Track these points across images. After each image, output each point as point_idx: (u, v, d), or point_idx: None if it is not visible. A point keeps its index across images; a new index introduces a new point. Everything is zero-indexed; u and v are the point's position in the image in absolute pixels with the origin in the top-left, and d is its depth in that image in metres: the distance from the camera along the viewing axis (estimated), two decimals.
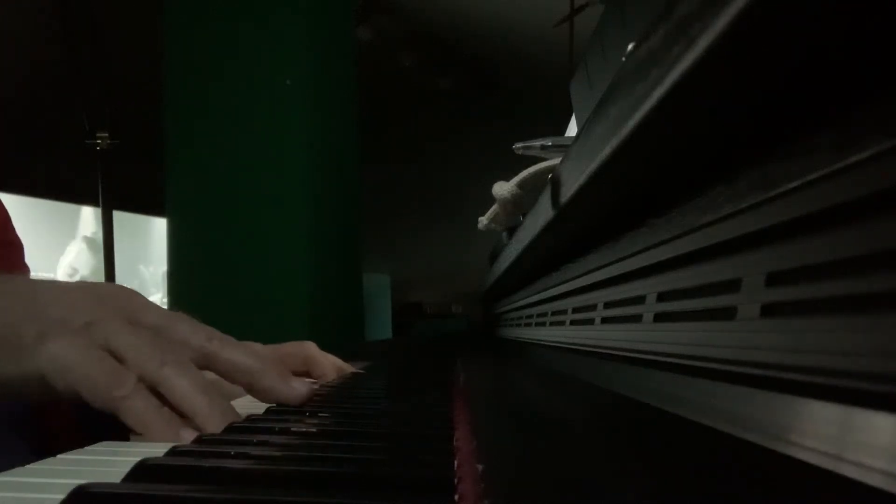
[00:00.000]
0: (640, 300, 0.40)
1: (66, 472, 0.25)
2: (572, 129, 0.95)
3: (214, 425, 0.34)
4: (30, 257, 0.64)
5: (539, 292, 0.83)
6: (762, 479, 0.20)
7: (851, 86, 0.19)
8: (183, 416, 0.34)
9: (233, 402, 0.38)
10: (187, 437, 0.32)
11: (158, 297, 4.09)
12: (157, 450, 0.27)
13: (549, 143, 0.84)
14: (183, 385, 0.34)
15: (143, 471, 0.23)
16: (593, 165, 0.34)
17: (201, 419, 0.34)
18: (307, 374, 0.59)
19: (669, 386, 0.32)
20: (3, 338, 0.33)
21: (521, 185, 0.90)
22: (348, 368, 0.63)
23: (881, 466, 0.17)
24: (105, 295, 0.38)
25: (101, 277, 2.35)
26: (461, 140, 3.99)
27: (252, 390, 0.40)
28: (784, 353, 0.22)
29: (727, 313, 0.27)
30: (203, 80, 2.17)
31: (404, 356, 1.16)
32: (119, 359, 0.34)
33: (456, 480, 0.22)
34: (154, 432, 0.32)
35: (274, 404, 0.40)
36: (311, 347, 0.59)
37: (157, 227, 3.72)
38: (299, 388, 0.40)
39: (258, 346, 0.53)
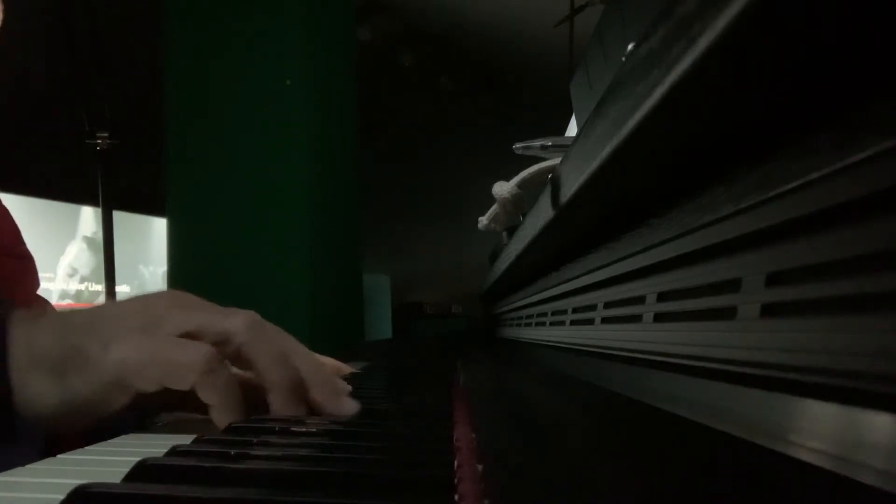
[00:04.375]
0: (640, 300, 0.40)
1: (66, 472, 0.25)
2: (572, 129, 0.95)
3: (284, 401, 0.34)
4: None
5: (539, 292, 0.83)
6: (762, 479, 0.20)
7: (851, 86, 0.19)
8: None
9: None
10: (292, 413, 0.34)
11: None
12: (157, 450, 0.27)
13: (549, 143, 0.84)
14: (266, 357, 0.35)
15: (143, 471, 0.23)
16: (593, 165, 0.34)
17: (273, 391, 0.35)
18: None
19: (669, 386, 0.32)
20: (69, 359, 0.33)
21: (521, 185, 0.90)
22: (345, 369, 0.63)
23: (881, 466, 0.17)
24: (158, 296, 0.38)
25: (101, 277, 2.35)
26: (461, 140, 3.98)
27: (308, 394, 0.39)
28: (784, 353, 0.22)
29: (727, 313, 0.27)
30: (203, 79, 2.17)
31: (404, 356, 1.16)
32: (194, 337, 0.34)
33: (456, 480, 0.22)
34: (227, 407, 0.33)
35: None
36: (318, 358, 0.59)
37: (157, 227, 3.72)
38: (348, 406, 0.38)
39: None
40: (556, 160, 0.78)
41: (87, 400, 0.33)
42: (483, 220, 1.01)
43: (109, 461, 0.27)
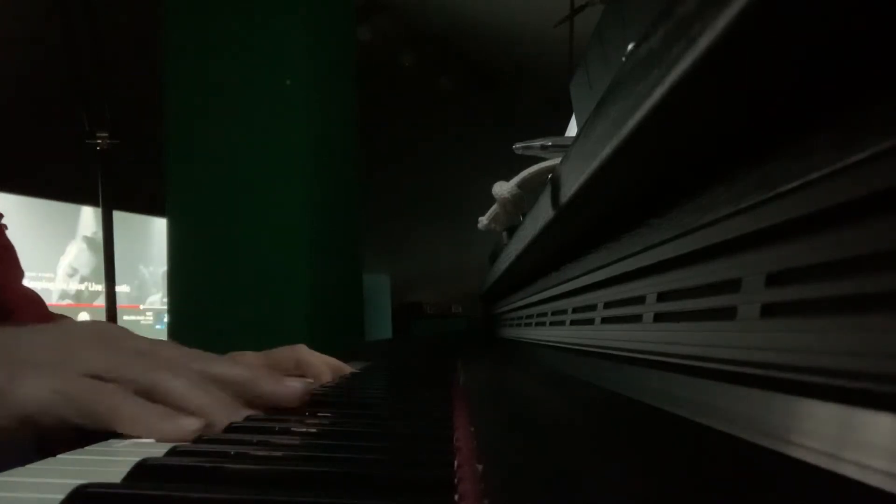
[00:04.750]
0: (640, 300, 0.40)
1: (66, 472, 0.25)
2: (572, 129, 0.95)
3: (220, 418, 0.33)
4: (30, 257, 0.65)
5: (539, 292, 0.83)
6: (762, 479, 0.20)
7: (851, 86, 0.19)
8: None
9: None
10: (190, 427, 0.32)
11: (158, 297, 4.09)
12: (157, 450, 0.27)
13: (549, 143, 0.84)
14: (178, 385, 0.34)
15: (143, 471, 0.23)
16: (593, 165, 0.34)
17: (206, 413, 0.33)
18: (303, 377, 0.58)
19: (669, 386, 0.32)
20: None
21: (521, 185, 0.90)
22: (345, 368, 0.63)
23: (881, 466, 0.17)
24: (81, 331, 0.38)
25: (101, 277, 2.35)
26: (461, 140, 3.98)
27: (248, 401, 0.39)
28: (784, 353, 0.22)
29: (727, 313, 0.27)
30: (203, 79, 2.17)
31: (404, 356, 1.16)
32: (104, 381, 0.33)
33: (456, 480, 0.22)
34: (153, 429, 0.32)
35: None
36: (302, 350, 0.58)
37: (157, 227, 3.72)
38: (294, 385, 0.39)
39: (249, 355, 0.53)
40: (556, 160, 0.78)
41: None
42: (483, 220, 1.01)
43: (109, 461, 0.27)
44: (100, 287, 3.03)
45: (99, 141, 2.08)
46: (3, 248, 0.65)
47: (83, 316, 3.44)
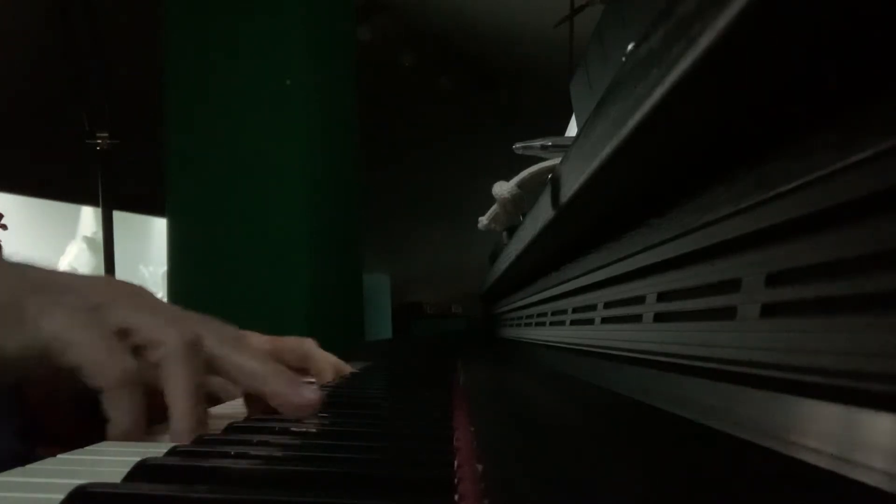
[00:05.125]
0: (640, 300, 0.40)
1: (66, 472, 0.25)
2: (572, 129, 0.95)
3: (183, 430, 0.33)
4: (30, 257, 0.64)
5: (539, 292, 0.83)
6: (762, 479, 0.20)
7: (851, 86, 0.19)
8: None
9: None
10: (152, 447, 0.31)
11: (159, 297, 4.09)
12: (157, 450, 0.27)
13: (549, 143, 0.84)
14: (177, 381, 0.33)
15: (143, 471, 0.23)
16: (593, 165, 0.34)
17: (174, 422, 0.33)
18: (304, 371, 0.58)
19: (669, 386, 0.32)
20: (4, 310, 0.32)
21: (521, 185, 0.90)
22: (346, 368, 0.63)
23: (881, 466, 0.17)
24: (118, 284, 0.38)
25: None
26: (461, 140, 3.98)
27: (260, 394, 0.38)
28: (784, 353, 0.22)
29: (727, 313, 0.27)
30: (203, 80, 2.17)
31: (404, 356, 1.16)
32: (131, 336, 0.33)
33: (456, 480, 0.22)
34: (123, 430, 0.32)
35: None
36: (310, 344, 0.58)
37: (157, 227, 3.72)
38: (309, 395, 0.37)
39: (256, 337, 0.52)
40: (556, 160, 0.78)
41: (9, 355, 0.32)
42: (483, 220, 1.01)
43: (109, 461, 0.27)
44: None
45: (99, 141, 2.08)
46: None
47: None
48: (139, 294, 0.38)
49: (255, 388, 0.37)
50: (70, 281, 0.36)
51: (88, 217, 3.74)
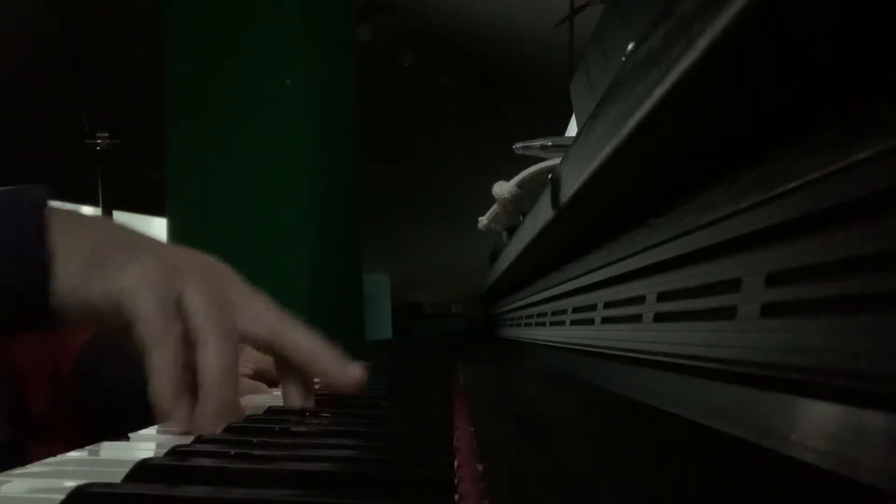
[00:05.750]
0: (640, 300, 0.40)
1: (66, 473, 0.25)
2: (572, 129, 0.95)
3: (212, 408, 0.34)
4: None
5: (539, 292, 0.83)
6: (762, 479, 0.20)
7: (851, 86, 0.19)
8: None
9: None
10: (179, 413, 0.34)
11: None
12: (156, 450, 0.27)
13: (549, 143, 0.84)
14: (212, 360, 0.35)
15: (143, 471, 0.23)
16: (593, 165, 0.34)
17: (205, 400, 0.35)
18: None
19: (669, 386, 0.32)
20: (98, 259, 0.36)
21: (521, 185, 0.90)
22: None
23: (881, 466, 0.17)
24: (200, 256, 0.40)
25: None
26: (461, 140, 3.98)
27: (311, 371, 0.41)
28: (784, 353, 0.22)
29: (727, 313, 0.27)
30: (203, 80, 2.17)
31: (404, 356, 1.16)
32: (183, 310, 0.36)
33: (456, 480, 0.22)
34: (161, 391, 0.34)
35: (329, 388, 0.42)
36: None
37: (157, 227, 3.72)
38: (354, 372, 0.41)
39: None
40: (556, 160, 0.78)
41: (97, 304, 0.35)
42: (483, 220, 1.01)
43: (109, 461, 0.27)
44: None
45: (99, 141, 2.08)
46: None
47: None
48: (214, 270, 0.40)
49: (307, 365, 0.40)
50: (153, 244, 0.39)
51: None
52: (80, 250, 0.36)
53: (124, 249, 0.37)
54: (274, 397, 0.46)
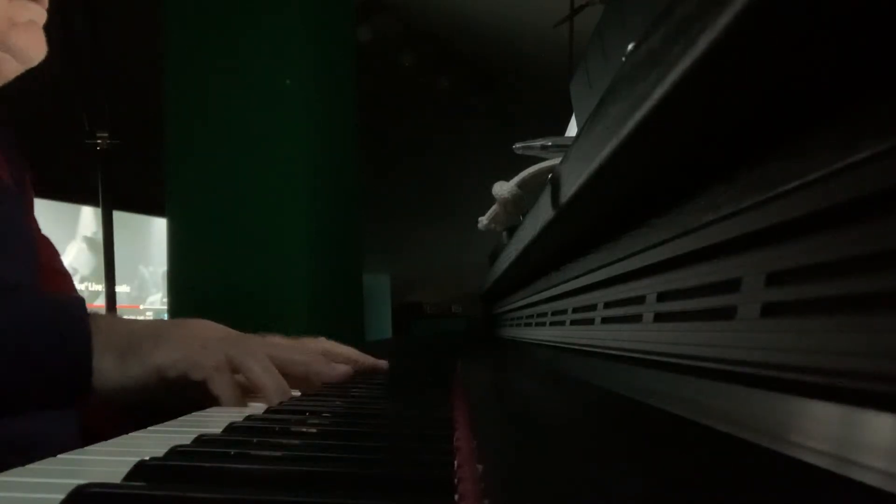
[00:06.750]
0: (640, 300, 0.40)
1: (66, 472, 0.25)
2: (572, 129, 0.95)
3: (275, 397, 0.47)
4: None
5: (539, 292, 0.83)
6: (762, 479, 0.20)
7: (851, 86, 0.19)
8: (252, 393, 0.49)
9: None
10: (253, 406, 0.46)
11: (158, 297, 4.09)
12: (157, 450, 0.27)
13: (549, 143, 0.84)
14: (256, 368, 0.49)
15: (143, 471, 0.23)
16: (593, 165, 0.34)
17: (266, 392, 0.48)
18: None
19: (669, 386, 0.32)
20: (132, 349, 0.49)
21: (521, 185, 0.90)
22: (366, 359, 0.64)
23: (881, 466, 0.17)
24: (196, 325, 0.54)
25: (101, 277, 2.35)
26: (461, 140, 3.98)
27: (307, 377, 0.53)
28: (784, 353, 0.22)
29: (727, 313, 0.27)
30: (203, 80, 2.17)
31: (404, 356, 1.16)
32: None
33: (456, 480, 0.22)
34: (230, 399, 0.47)
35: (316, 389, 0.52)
36: (325, 342, 0.64)
37: (157, 227, 3.72)
38: (340, 368, 0.55)
39: (278, 339, 0.61)
40: (556, 160, 0.78)
41: (137, 379, 0.48)
42: (483, 220, 1.01)
43: (109, 461, 0.27)
44: (100, 287, 3.02)
45: (99, 141, 2.07)
46: (60, 275, 0.68)
47: None
48: (213, 327, 0.54)
49: (303, 372, 0.53)
50: (167, 328, 0.52)
51: (88, 217, 3.74)
52: (116, 346, 0.49)
53: (147, 339, 0.49)
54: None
